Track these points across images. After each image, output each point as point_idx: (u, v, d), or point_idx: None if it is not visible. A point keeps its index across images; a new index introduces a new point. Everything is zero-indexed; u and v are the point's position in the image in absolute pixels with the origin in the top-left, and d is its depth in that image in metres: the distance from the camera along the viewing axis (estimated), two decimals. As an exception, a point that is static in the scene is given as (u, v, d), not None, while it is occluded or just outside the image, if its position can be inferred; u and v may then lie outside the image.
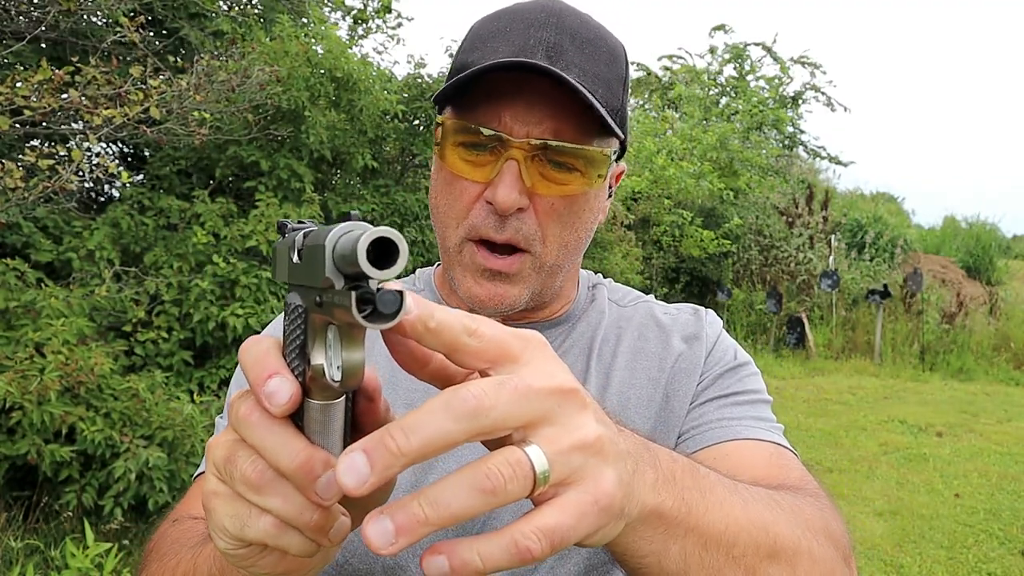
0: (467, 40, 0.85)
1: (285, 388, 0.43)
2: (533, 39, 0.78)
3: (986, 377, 10.09)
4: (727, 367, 0.91)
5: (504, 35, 0.80)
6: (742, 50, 15.29)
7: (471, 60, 0.80)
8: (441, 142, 0.82)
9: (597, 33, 0.82)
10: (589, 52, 0.80)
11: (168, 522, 0.81)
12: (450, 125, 0.80)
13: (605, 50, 0.82)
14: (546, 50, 0.77)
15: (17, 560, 3.35)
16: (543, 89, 0.77)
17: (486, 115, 0.78)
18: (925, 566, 4.33)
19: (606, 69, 0.81)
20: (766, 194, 13.39)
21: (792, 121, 15.21)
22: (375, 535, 0.38)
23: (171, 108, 4.05)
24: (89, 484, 3.64)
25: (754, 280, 12.67)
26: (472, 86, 0.78)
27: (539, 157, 0.78)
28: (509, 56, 0.77)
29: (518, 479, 0.39)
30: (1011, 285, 14.62)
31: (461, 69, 0.81)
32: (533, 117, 0.77)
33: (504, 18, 0.82)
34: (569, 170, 0.79)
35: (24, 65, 4.20)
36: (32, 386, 3.31)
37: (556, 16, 0.80)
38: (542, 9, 0.81)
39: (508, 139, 0.77)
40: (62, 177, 3.50)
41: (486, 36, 0.82)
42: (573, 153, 0.78)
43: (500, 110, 0.78)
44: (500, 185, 0.77)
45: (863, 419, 7.57)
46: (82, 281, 4.16)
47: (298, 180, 5.03)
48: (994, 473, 6.00)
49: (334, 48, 5.21)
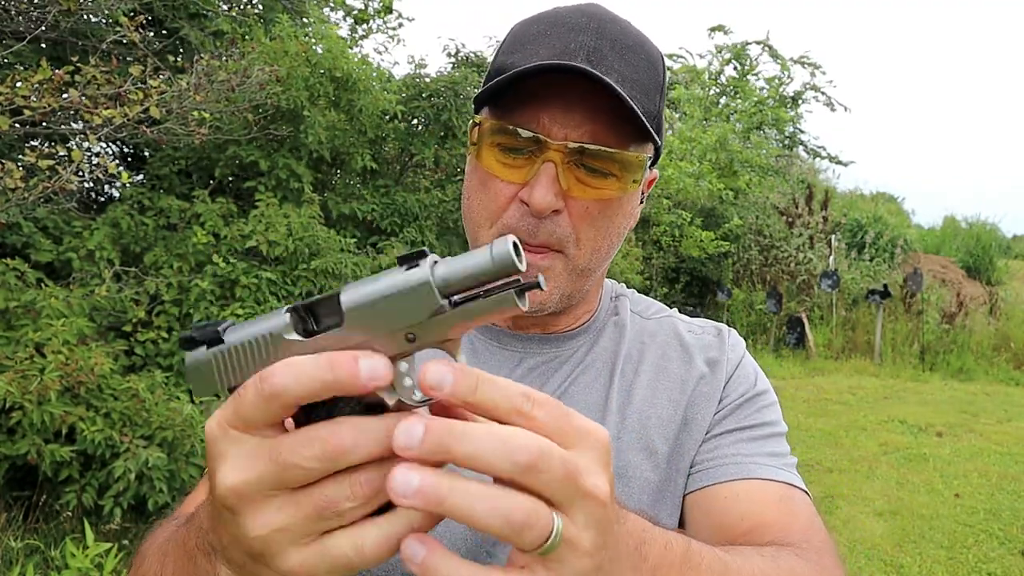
0: (507, 42, 0.85)
1: (380, 359, 0.43)
2: (574, 43, 0.78)
3: (986, 377, 10.09)
4: (746, 397, 0.91)
5: (545, 38, 0.80)
6: (741, 50, 15.29)
7: (511, 62, 0.80)
8: (478, 142, 0.82)
9: (636, 40, 0.83)
10: (629, 58, 0.80)
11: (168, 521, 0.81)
12: (488, 126, 0.80)
13: (644, 57, 0.82)
14: (587, 54, 0.77)
15: (17, 560, 3.35)
16: (582, 93, 0.77)
17: (524, 117, 0.78)
18: (925, 566, 4.33)
19: (644, 76, 0.81)
20: (766, 194, 13.38)
21: (792, 121, 15.21)
22: (400, 476, 0.40)
23: (171, 108, 4.05)
24: (89, 484, 3.64)
25: (754, 280, 12.67)
26: (511, 88, 0.78)
27: (576, 160, 0.78)
28: (549, 59, 0.77)
29: (535, 531, 0.41)
30: (1011, 285, 14.62)
31: (500, 71, 0.81)
32: (572, 120, 0.77)
33: (544, 21, 0.82)
34: (605, 175, 0.79)
35: (24, 65, 4.20)
36: (32, 386, 3.31)
37: (597, 21, 0.81)
38: (583, 14, 0.82)
39: (546, 141, 0.77)
40: (62, 177, 3.50)
41: (526, 39, 0.82)
42: (610, 157, 0.78)
43: (538, 112, 0.78)
44: (537, 186, 0.77)
45: (863, 419, 7.57)
46: (82, 281, 4.15)
47: (297, 180, 5.03)
48: (994, 473, 6.00)
49: (334, 48, 5.21)
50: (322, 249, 4.75)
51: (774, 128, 15.07)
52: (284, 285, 4.68)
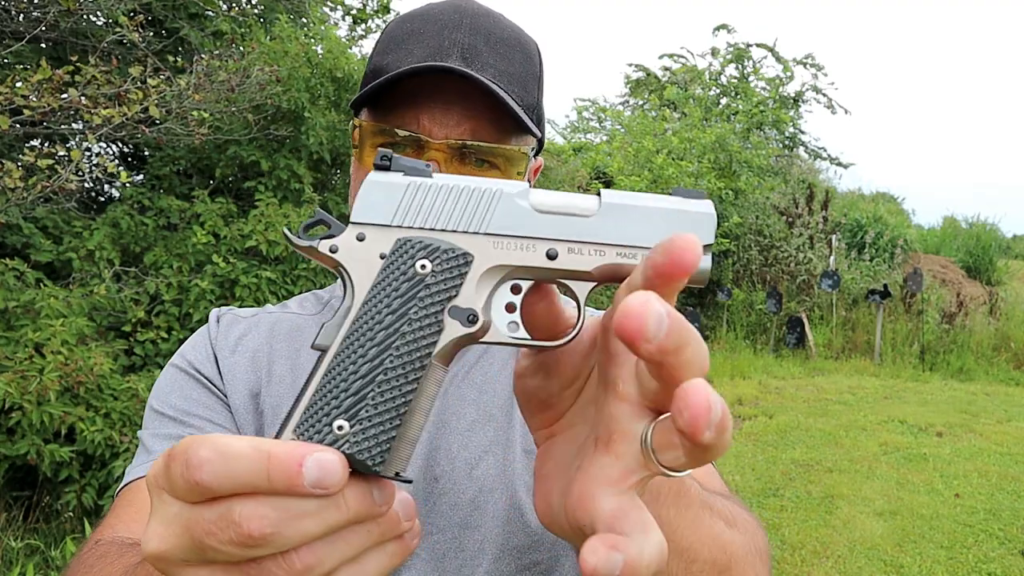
0: (381, 42, 0.85)
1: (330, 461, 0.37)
2: (448, 41, 0.79)
3: (986, 377, 10.08)
4: None
5: (418, 37, 0.80)
6: (744, 50, 15.28)
7: (386, 63, 0.81)
8: (360, 145, 0.83)
9: (511, 33, 0.84)
10: (503, 52, 0.81)
11: (91, 542, 0.75)
12: (368, 127, 0.81)
13: (519, 49, 0.83)
14: (461, 51, 0.78)
15: (17, 560, 3.35)
16: (459, 91, 0.78)
17: (404, 118, 0.79)
18: (925, 566, 4.33)
19: (520, 68, 0.82)
20: (766, 194, 13.38)
21: (792, 121, 15.20)
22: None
23: (171, 108, 4.05)
24: (89, 484, 3.64)
25: (754, 280, 12.67)
26: (388, 90, 0.79)
27: (459, 157, 0.79)
28: (424, 59, 0.78)
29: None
30: (1011, 285, 14.61)
31: (376, 72, 0.81)
32: (451, 119, 0.79)
33: (417, 20, 0.83)
34: (490, 167, 0.81)
35: (24, 65, 4.20)
36: (31, 386, 3.31)
37: (469, 17, 0.81)
38: (455, 10, 0.82)
39: (428, 141, 0.78)
40: (61, 177, 3.50)
41: (400, 38, 0.82)
42: (491, 152, 0.80)
43: (418, 113, 0.79)
44: None
45: (863, 419, 7.57)
46: (82, 281, 4.15)
47: (298, 180, 5.03)
48: (994, 473, 5.99)
49: (334, 48, 5.21)
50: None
51: (774, 129, 15.06)
52: (284, 285, 4.68)
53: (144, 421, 0.88)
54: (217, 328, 0.92)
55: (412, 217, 0.45)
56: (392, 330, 0.43)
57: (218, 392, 0.86)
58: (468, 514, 0.81)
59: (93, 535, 0.77)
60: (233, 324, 0.92)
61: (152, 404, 0.87)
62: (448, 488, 0.81)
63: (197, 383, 0.86)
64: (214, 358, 0.88)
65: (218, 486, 0.36)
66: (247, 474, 0.36)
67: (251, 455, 0.36)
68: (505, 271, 0.45)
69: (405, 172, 0.46)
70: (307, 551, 0.37)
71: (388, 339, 0.42)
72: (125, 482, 0.82)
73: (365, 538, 0.40)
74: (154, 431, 0.84)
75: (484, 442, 0.84)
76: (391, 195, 0.46)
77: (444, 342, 0.43)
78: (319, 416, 0.41)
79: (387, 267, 0.44)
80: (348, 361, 0.42)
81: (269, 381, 0.87)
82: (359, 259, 0.45)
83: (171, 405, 0.85)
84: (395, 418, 0.42)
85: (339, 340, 0.43)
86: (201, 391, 0.86)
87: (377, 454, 0.41)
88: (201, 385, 0.86)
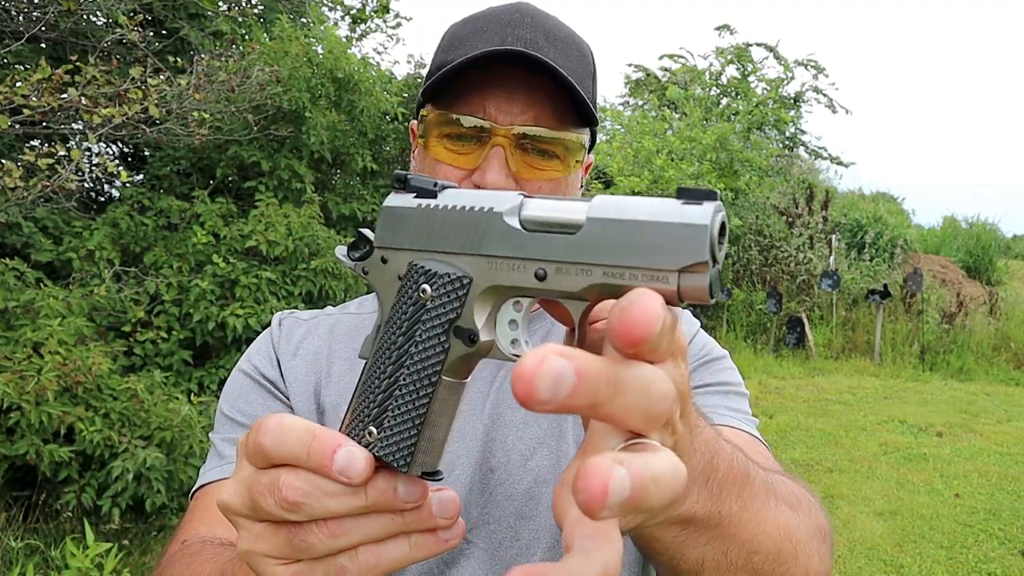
0: (444, 41, 0.88)
1: (358, 457, 0.43)
2: (511, 36, 0.82)
3: (986, 377, 10.08)
4: (702, 361, 0.94)
5: (482, 34, 0.83)
6: (744, 50, 15.27)
7: (450, 59, 0.83)
8: (425, 135, 0.85)
9: (568, 33, 0.87)
10: (561, 48, 0.84)
11: (176, 543, 0.80)
12: (434, 117, 0.84)
13: (575, 48, 0.86)
14: (524, 45, 0.81)
15: (17, 560, 3.35)
16: (521, 80, 0.80)
17: (469, 106, 0.82)
18: (925, 566, 4.33)
19: (578, 65, 0.85)
20: (766, 194, 13.37)
21: (793, 121, 15.20)
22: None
23: (171, 108, 4.05)
24: (88, 484, 3.64)
25: (754, 280, 12.66)
26: (453, 81, 0.81)
27: (522, 144, 0.82)
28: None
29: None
30: (1011, 285, 14.61)
31: (440, 68, 0.84)
32: (515, 107, 0.81)
33: (480, 20, 0.86)
34: (550, 156, 0.84)
35: (24, 64, 4.20)
36: (30, 386, 3.31)
37: (530, 16, 0.85)
38: (516, 10, 0.86)
39: (493, 127, 0.81)
40: (61, 177, 3.50)
41: (464, 37, 0.85)
42: (553, 140, 0.83)
43: (483, 101, 0.81)
44: (488, 170, 0.81)
45: (863, 419, 7.57)
46: (82, 281, 4.15)
47: (298, 180, 5.03)
48: (994, 473, 5.99)
49: (335, 49, 5.21)
50: (322, 249, 4.75)
51: (775, 129, 15.05)
52: (284, 285, 4.68)
53: (215, 425, 0.94)
54: (279, 332, 0.96)
55: (422, 240, 0.48)
56: (403, 351, 0.46)
57: (281, 396, 0.91)
58: (523, 505, 0.82)
59: (177, 536, 0.81)
60: (294, 328, 0.97)
61: (222, 408, 0.93)
62: (503, 479, 0.83)
63: (262, 388, 0.92)
64: (276, 362, 0.93)
65: (274, 453, 0.44)
66: (295, 447, 0.43)
67: (301, 433, 0.44)
68: (502, 291, 0.46)
69: (417, 194, 0.49)
70: (334, 524, 0.44)
71: (400, 358, 0.46)
72: (200, 484, 0.88)
73: (386, 526, 0.45)
74: (224, 435, 0.90)
75: (538, 434, 0.86)
76: (404, 219, 0.49)
77: (451, 359, 0.46)
78: (357, 421, 0.48)
79: (400, 290, 0.48)
80: (374, 376, 0.48)
81: (328, 381, 0.91)
82: (384, 280, 0.49)
83: (239, 410, 0.91)
84: (413, 428, 0.46)
85: (371, 355, 0.48)
86: (265, 396, 0.91)
87: (400, 457, 0.46)
88: (265, 390, 0.92)
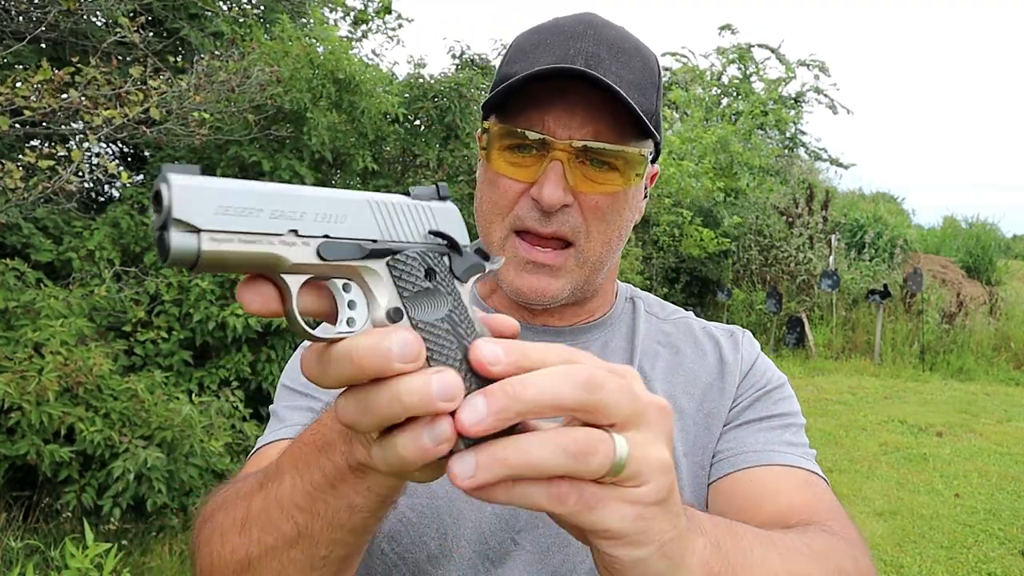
0: (510, 53, 0.91)
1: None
2: (573, 49, 0.83)
3: (986, 377, 10.08)
4: (764, 390, 0.95)
5: (545, 47, 0.85)
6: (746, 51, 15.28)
7: (514, 71, 0.85)
8: (488, 147, 0.87)
9: (632, 44, 0.88)
10: (624, 60, 0.85)
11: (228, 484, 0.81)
12: (496, 130, 0.86)
13: (639, 59, 0.87)
14: (585, 59, 0.82)
15: (17, 560, 3.35)
16: (582, 95, 0.82)
17: (530, 120, 0.83)
18: (925, 566, 4.33)
19: (641, 76, 0.86)
20: (766, 195, 13.38)
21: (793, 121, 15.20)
22: (457, 466, 0.42)
23: (171, 108, 4.05)
24: (89, 484, 3.64)
25: (754, 280, 12.67)
26: (516, 94, 0.83)
27: (581, 158, 0.83)
28: (551, 65, 0.81)
29: (599, 456, 0.43)
30: (1011, 285, 14.61)
31: (505, 79, 0.86)
32: (574, 121, 0.82)
33: (545, 32, 0.88)
34: (609, 170, 0.84)
35: (24, 65, 4.20)
36: (30, 387, 3.31)
37: (594, 29, 0.86)
38: (580, 22, 0.87)
39: (552, 141, 0.82)
40: (62, 177, 3.50)
41: (528, 48, 0.87)
42: (612, 154, 0.84)
43: (543, 115, 0.83)
44: (546, 184, 0.82)
45: (863, 419, 7.57)
46: (82, 281, 4.15)
47: (299, 181, 5.03)
48: (994, 473, 5.99)
49: (336, 49, 5.21)
50: (322, 249, 4.75)
51: (776, 129, 15.06)
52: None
53: (275, 397, 0.97)
54: None
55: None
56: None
57: None
58: None
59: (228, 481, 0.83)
60: None
61: (283, 382, 0.97)
62: None
63: None
64: None
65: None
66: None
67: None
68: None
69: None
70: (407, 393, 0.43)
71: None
72: (257, 446, 0.91)
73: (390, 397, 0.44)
74: (286, 403, 0.94)
75: None
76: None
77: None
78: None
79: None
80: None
81: None
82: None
83: (300, 382, 0.94)
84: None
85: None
86: None
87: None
88: None
